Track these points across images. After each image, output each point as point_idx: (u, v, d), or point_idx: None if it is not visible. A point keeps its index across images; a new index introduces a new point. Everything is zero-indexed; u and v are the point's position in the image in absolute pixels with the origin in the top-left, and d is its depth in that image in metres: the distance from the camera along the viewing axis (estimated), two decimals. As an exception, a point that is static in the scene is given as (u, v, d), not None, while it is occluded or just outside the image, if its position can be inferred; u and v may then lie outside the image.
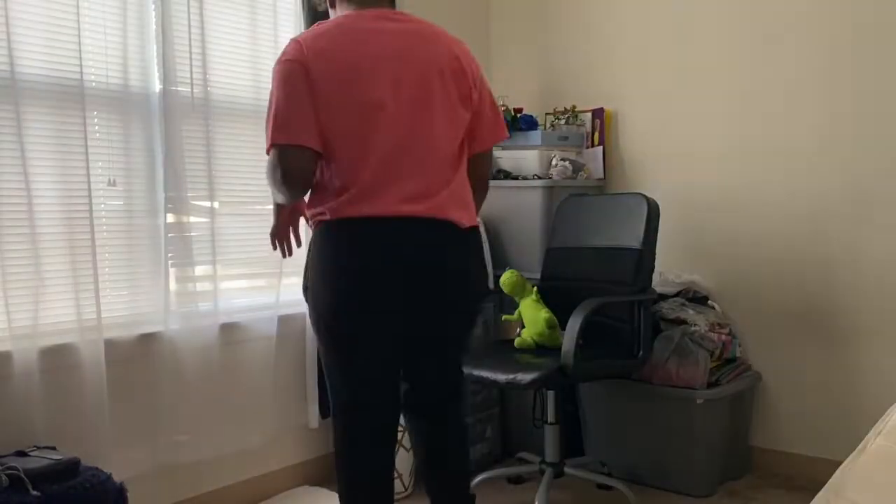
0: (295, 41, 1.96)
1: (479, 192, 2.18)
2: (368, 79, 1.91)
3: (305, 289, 2.05)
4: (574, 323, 2.50)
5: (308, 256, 2.03)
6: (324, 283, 1.96)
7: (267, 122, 1.94)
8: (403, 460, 2.83)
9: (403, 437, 2.79)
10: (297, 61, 1.90)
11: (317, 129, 1.90)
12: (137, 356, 2.55)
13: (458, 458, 2.19)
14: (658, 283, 3.04)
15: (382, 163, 1.92)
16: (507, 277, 2.88)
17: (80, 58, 2.37)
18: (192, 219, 2.67)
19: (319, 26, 2.01)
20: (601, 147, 3.50)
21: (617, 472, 2.99)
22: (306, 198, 2.03)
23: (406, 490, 2.89)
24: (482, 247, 2.18)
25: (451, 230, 1.98)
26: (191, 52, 2.66)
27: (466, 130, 2.06)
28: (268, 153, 1.93)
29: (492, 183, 3.32)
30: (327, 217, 1.94)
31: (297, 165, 1.90)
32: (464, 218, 2.01)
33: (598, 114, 3.52)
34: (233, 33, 2.81)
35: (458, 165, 2.05)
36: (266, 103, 1.99)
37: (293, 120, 1.89)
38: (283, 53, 1.96)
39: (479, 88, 2.07)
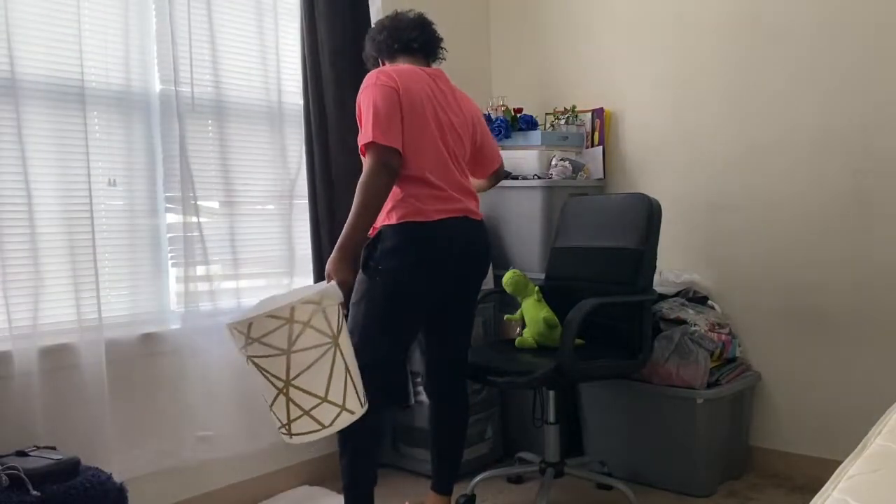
0: None
1: None
2: None
3: None
4: (570, 323, 2.50)
5: None
6: None
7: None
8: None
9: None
10: None
11: None
12: (138, 356, 2.55)
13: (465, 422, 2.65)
14: (658, 283, 3.04)
15: None
16: (509, 277, 2.88)
17: (81, 58, 2.38)
18: (193, 218, 2.68)
19: None
20: (601, 147, 3.50)
21: (617, 472, 2.99)
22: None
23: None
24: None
25: None
26: (191, 52, 2.66)
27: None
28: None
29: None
30: None
31: None
32: None
33: (598, 114, 3.52)
34: (234, 33, 2.81)
35: None
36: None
37: None
38: None
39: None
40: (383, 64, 2.52)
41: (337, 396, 2.05)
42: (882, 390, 2.84)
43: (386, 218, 2.33)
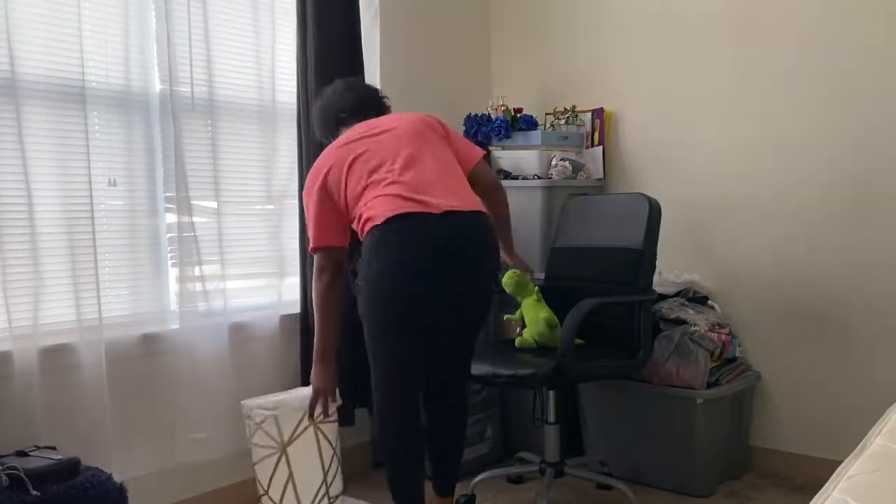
0: None
1: None
2: None
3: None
4: (569, 323, 2.50)
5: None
6: None
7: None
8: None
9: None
10: None
11: None
12: (138, 356, 2.55)
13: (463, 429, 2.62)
14: (658, 283, 3.04)
15: None
16: (509, 277, 2.88)
17: (82, 58, 2.38)
18: (193, 219, 2.67)
19: None
20: (601, 147, 3.50)
21: (617, 472, 2.99)
22: None
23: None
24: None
25: None
26: (191, 53, 2.66)
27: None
28: None
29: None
30: None
31: None
32: None
33: (598, 114, 3.52)
34: (232, 33, 2.81)
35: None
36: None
37: None
38: None
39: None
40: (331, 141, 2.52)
41: (275, 496, 2.37)
42: (882, 390, 2.84)
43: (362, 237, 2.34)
